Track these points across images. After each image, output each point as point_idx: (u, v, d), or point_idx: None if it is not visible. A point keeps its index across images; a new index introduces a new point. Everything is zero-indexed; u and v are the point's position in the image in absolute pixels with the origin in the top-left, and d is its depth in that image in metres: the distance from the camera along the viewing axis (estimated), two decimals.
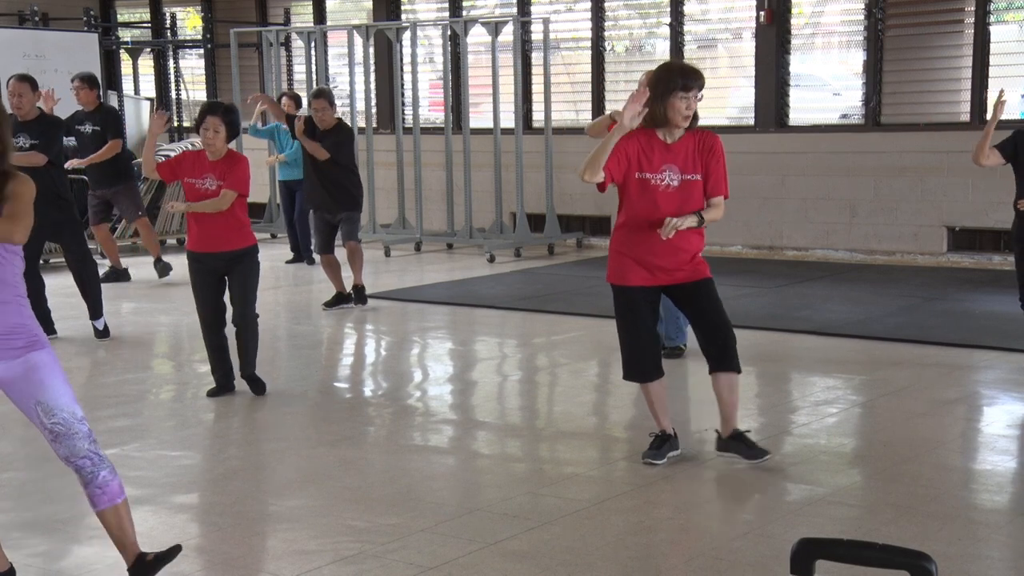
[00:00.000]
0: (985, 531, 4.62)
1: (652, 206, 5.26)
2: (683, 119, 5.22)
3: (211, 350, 6.95)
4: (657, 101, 5.18)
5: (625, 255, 5.38)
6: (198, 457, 5.91)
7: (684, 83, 5.19)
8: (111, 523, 3.99)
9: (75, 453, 3.87)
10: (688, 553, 4.43)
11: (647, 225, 5.26)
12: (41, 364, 3.85)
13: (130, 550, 4.04)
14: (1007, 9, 11.86)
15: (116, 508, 3.97)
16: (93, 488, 3.93)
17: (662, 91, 5.18)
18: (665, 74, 5.25)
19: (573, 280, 11.07)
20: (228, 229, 6.78)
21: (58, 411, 3.83)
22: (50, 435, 3.86)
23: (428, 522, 4.75)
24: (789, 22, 12.57)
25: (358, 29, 13.72)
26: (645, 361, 5.47)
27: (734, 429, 5.47)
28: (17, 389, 3.84)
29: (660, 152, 5.26)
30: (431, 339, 8.77)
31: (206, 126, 6.71)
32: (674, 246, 5.29)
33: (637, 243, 5.33)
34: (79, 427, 3.88)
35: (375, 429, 6.32)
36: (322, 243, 9.70)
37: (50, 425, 3.84)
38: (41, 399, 3.83)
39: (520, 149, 13.06)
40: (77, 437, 3.86)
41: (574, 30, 14.07)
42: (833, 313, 9.08)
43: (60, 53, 13.23)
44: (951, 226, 11.78)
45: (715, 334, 5.39)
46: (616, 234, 5.46)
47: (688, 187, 5.27)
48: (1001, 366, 7.36)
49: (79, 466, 3.90)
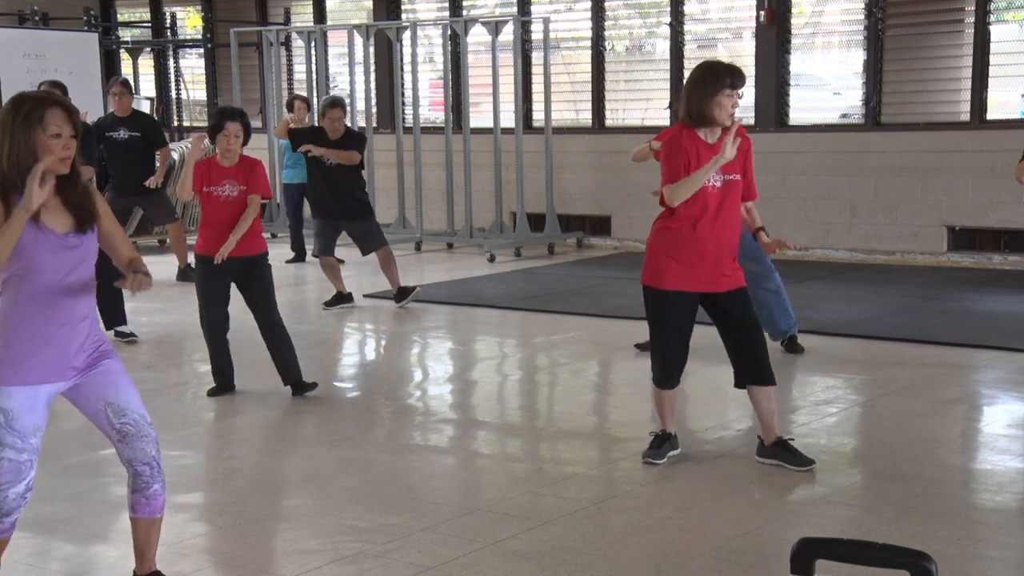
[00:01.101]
0: (985, 531, 4.62)
1: (702, 207, 5.18)
2: (728, 117, 5.14)
3: (213, 351, 6.93)
4: (705, 100, 5.11)
5: (670, 258, 5.23)
6: (198, 457, 5.91)
7: (732, 81, 5.12)
8: (141, 533, 4.00)
9: (140, 457, 3.87)
10: (688, 553, 4.43)
11: (694, 226, 5.18)
12: (114, 369, 3.86)
13: (147, 563, 4.05)
14: (1007, 9, 11.86)
15: (153, 521, 3.98)
16: (141, 496, 3.92)
17: (710, 89, 5.10)
18: (713, 72, 5.17)
19: (573, 280, 11.07)
20: (249, 234, 6.77)
21: (129, 412, 3.84)
22: (118, 435, 3.84)
23: (428, 522, 4.75)
24: (789, 22, 12.56)
25: (358, 29, 13.72)
26: (678, 369, 5.41)
27: (777, 437, 5.42)
28: (86, 394, 3.82)
29: (705, 152, 5.18)
30: (431, 339, 8.77)
31: (226, 132, 6.66)
32: (720, 251, 5.21)
33: (683, 246, 5.21)
34: (149, 430, 3.88)
35: (375, 429, 6.32)
36: (324, 245, 9.67)
37: (119, 425, 3.83)
38: (112, 400, 3.82)
39: (520, 149, 13.05)
40: (146, 440, 3.86)
41: (574, 30, 14.07)
42: (833, 313, 9.08)
43: (60, 53, 13.23)
44: (951, 226, 11.78)
45: (751, 347, 5.31)
46: (659, 236, 5.31)
47: (730, 187, 5.22)
48: (1001, 366, 7.36)
49: (138, 471, 3.88)
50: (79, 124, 3.76)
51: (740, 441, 5.84)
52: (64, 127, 3.67)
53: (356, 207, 9.63)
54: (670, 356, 5.37)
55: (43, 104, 3.67)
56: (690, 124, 5.21)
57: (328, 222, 9.65)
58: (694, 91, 5.15)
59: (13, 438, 3.69)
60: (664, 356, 5.38)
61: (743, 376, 5.38)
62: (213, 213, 6.76)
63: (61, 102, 3.72)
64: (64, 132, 3.67)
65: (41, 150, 3.63)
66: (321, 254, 9.69)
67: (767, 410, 5.39)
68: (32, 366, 3.70)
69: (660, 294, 5.29)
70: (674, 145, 5.19)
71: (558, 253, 13.04)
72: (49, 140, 3.64)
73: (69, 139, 3.69)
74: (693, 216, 5.19)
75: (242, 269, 6.78)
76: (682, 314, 5.32)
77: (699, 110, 5.14)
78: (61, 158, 3.66)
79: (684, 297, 5.28)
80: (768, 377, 5.33)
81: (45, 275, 3.69)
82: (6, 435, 3.68)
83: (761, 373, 5.32)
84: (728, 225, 5.25)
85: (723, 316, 5.34)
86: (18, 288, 3.69)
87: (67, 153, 3.69)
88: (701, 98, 5.12)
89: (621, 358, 7.89)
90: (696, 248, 5.20)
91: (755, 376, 5.33)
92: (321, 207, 9.67)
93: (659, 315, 5.34)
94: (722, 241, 5.23)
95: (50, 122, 3.64)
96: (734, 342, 5.35)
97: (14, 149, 3.63)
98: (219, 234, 6.72)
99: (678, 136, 5.21)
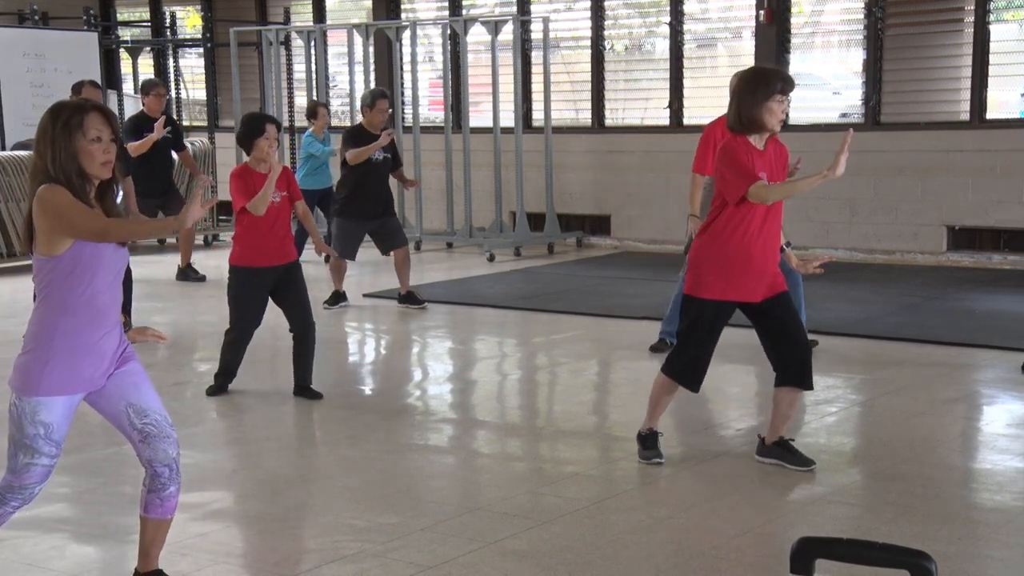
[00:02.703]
0: (985, 530, 4.62)
1: (752, 212, 5.15)
2: (779, 123, 5.14)
3: (233, 355, 6.91)
4: (756, 106, 5.09)
5: (717, 267, 5.17)
6: (198, 456, 5.91)
7: (783, 87, 5.11)
8: (150, 532, 4.01)
9: (160, 458, 3.88)
10: (688, 552, 4.43)
11: (743, 236, 5.13)
12: (135, 371, 3.88)
13: (150, 561, 4.06)
14: (1007, 8, 11.87)
15: (163, 522, 3.99)
16: (155, 496, 3.93)
17: (762, 95, 5.08)
18: (764, 77, 5.15)
19: (573, 279, 11.07)
20: (288, 242, 6.78)
21: (151, 412, 3.86)
22: (139, 435, 3.85)
23: (428, 521, 4.75)
24: (789, 21, 12.56)
25: (358, 28, 13.73)
26: (700, 372, 5.37)
27: (780, 436, 5.43)
28: (108, 395, 3.84)
29: (757, 159, 5.16)
30: (431, 338, 8.77)
31: (267, 136, 6.57)
32: (765, 260, 5.18)
33: (730, 255, 5.15)
34: (171, 431, 3.90)
35: (375, 428, 6.32)
36: (351, 249, 9.55)
37: (141, 425, 3.84)
38: (133, 401, 3.84)
39: (520, 148, 13.05)
40: (168, 441, 3.88)
41: (574, 29, 14.07)
42: (833, 312, 9.08)
43: (60, 52, 13.24)
44: (951, 225, 11.78)
45: (797, 350, 5.27)
46: (706, 246, 5.22)
47: None
48: (1001, 365, 7.36)
49: (158, 472, 3.89)
50: (118, 128, 3.79)
51: (740, 440, 5.84)
52: (104, 131, 3.69)
53: (391, 203, 9.64)
54: (703, 360, 5.35)
55: (81, 110, 3.70)
56: (740, 131, 5.18)
57: (359, 224, 9.48)
58: (745, 97, 5.12)
59: (50, 447, 3.75)
60: (697, 359, 5.34)
61: (788, 378, 5.32)
62: (256, 222, 6.58)
63: (99, 106, 3.75)
64: (104, 136, 3.69)
65: (83, 156, 3.66)
66: (344, 256, 9.54)
67: (786, 414, 5.39)
68: (78, 375, 3.74)
69: (704, 304, 5.24)
70: (733, 151, 5.12)
71: (558, 253, 13.04)
72: (90, 145, 3.66)
73: (109, 143, 3.71)
74: (747, 222, 5.14)
75: (281, 277, 6.76)
76: (722, 322, 5.31)
77: (750, 116, 5.12)
78: (102, 163, 3.70)
79: (726, 306, 5.27)
80: (810, 382, 5.32)
81: (98, 280, 3.72)
82: (44, 445, 3.74)
83: (805, 377, 5.30)
84: (772, 234, 5.24)
85: (765, 319, 5.29)
86: (64, 297, 3.70)
87: (108, 157, 3.72)
88: (752, 104, 5.10)
89: (621, 357, 7.90)
90: (743, 258, 5.16)
91: (799, 380, 5.31)
92: (360, 208, 9.41)
93: (700, 322, 5.28)
94: (767, 251, 5.21)
95: (90, 127, 3.67)
96: (777, 344, 5.30)
97: (56, 156, 3.66)
98: (262, 241, 6.64)
99: (733, 142, 5.16)
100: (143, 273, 11.62)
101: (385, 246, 9.62)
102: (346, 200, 9.48)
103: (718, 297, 5.21)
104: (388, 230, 9.55)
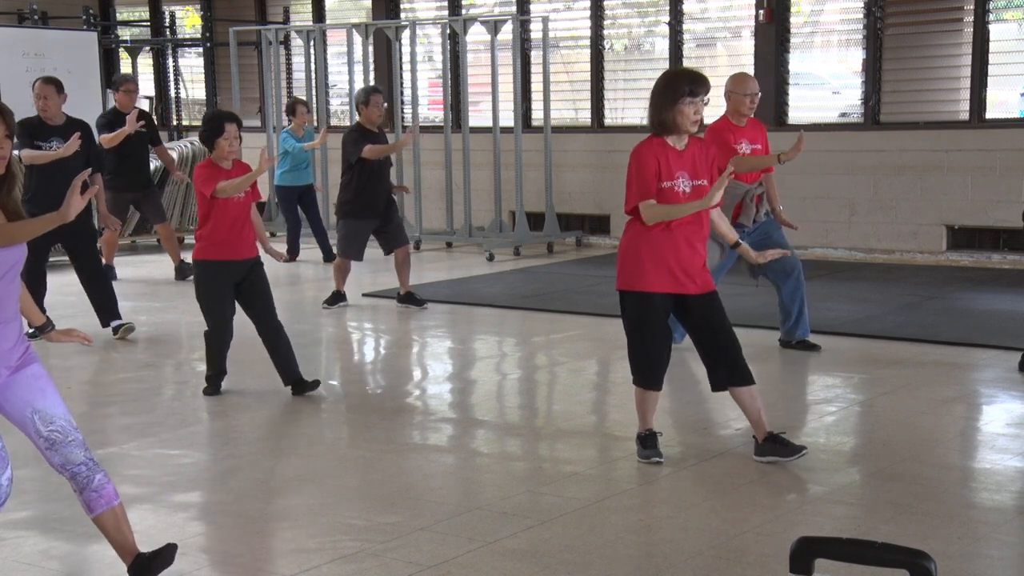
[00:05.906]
0: (984, 530, 4.62)
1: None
2: (692, 124, 5.28)
3: (219, 354, 6.92)
4: (666, 108, 5.24)
5: (647, 260, 5.31)
6: (197, 456, 5.91)
7: (691, 89, 5.26)
8: (109, 526, 4.00)
9: (71, 460, 3.88)
10: (688, 552, 4.43)
11: (668, 227, 5.28)
12: (39, 374, 3.88)
13: (129, 551, 4.05)
14: (1006, 8, 11.87)
15: (113, 511, 3.98)
16: (89, 493, 3.93)
17: (671, 98, 5.24)
18: (672, 81, 5.34)
19: (572, 279, 11.07)
20: (251, 235, 6.81)
21: (56, 418, 3.85)
22: (46, 443, 3.86)
23: (427, 520, 4.75)
24: (788, 21, 12.57)
25: (357, 28, 13.72)
26: (660, 370, 5.46)
27: (768, 432, 5.47)
28: (13, 398, 3.83)
29: (674, 159, 5.31)
30: (430, 338, 8.77)
31: (227, 135, 6.63)
32: (692, 251, 5.32)
33: (659, 247, 5.29)
34: (75, 435, 3.90)
35: (374, 428, 6.32)
36: (357, 251, 9.50)
37: (47, 433, 3.85)
38: (39, 407, 3.83)
39: (519, 148, 13.05)
40: (74, 445, 3.88)
41: (573, 29, 14.07)
42: (832, 312, 9.07)
43: (59, 52, 13.22)
44: (950, 224, 11.78)
45: (727, 351, 5.39)
46: (634, 241, 5.38)
47: (699, 192, 5.33)
48: (1000, 364, 7.36)
49: (75, 472, 3.90)
50: (13, 125, 3.78)
51: (739, 440, 5.84)
52: None
53: (393, 200, 9.64)
54: (656, 357, 5.44)
55: None
56: (659, 132, 5.33)
57: (367, 224, 9.43)
58: (657, 100, 5.30)
59: None
60: (650, 358, 5.44)
61: (723, 379, 5.44)
62: (222, 215, 6.66)
63: None
64: None
65: None
66: (350, 258, 9.53)
67: (753, 408, 5.46)
68: None
69: (641, 297, 5.37)
70: (642, 157, 5.30)
71: (557, 252, 13.04)
72: None
73: (3, 139, 3.70)
74: (666, 221, 5.29)
75: (244, 275, 6.78)
76: (663, 315, 5.41)
77: (662, 119, 5.28)
78: None
79: (663, 298, 5.37)
80: (748, 376, 5.42)
81: None
82: None
83: (738, 375, 5.40)
84: (699, 228, 5.37)
85: (696, 320, 5.42)
86: None
87: (2, 153, 3.71)
88: (663, 107, 5.27)
89: (620, 357, 7.86)
90: (671, 249, 5.30)
91: (735, 377, 5.40)
92: (366, 207, 9.37)
93: (642, 317, 5.40)
94: (694, 241, 5.34)
95: None
96: (709, 346, 5.42)
97: None
98: (227, 235, 6.69)
99: (647, 146, 5.32)
100: (142, 273, 11.63)
101: (388, 245, 9.62)
102: (351, 201, 9.42)
103: (654, 288, 5.33)
104: (392, 227, 9.55)
